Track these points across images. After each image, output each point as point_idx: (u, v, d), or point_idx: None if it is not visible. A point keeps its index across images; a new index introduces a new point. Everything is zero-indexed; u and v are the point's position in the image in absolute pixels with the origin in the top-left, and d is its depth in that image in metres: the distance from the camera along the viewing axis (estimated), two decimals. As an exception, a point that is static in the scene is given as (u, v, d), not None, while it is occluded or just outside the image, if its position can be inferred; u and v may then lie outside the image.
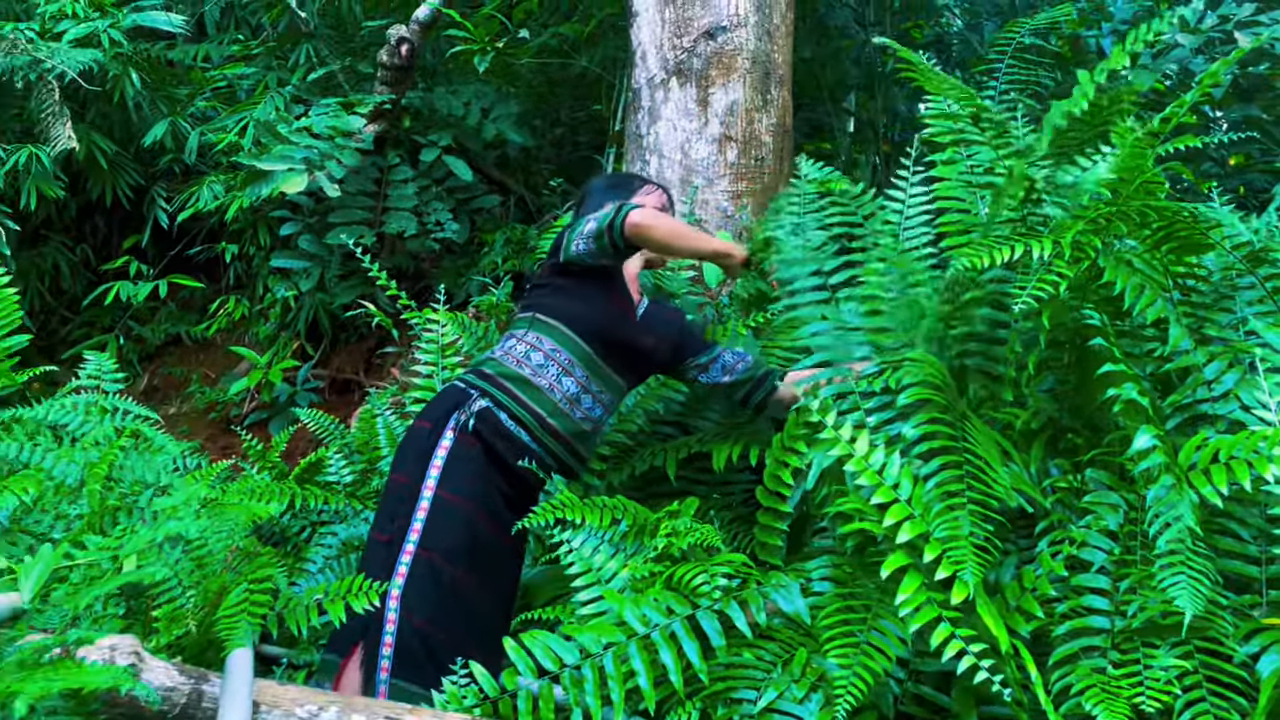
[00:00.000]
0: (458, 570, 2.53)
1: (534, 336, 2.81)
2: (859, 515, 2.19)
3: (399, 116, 5.54)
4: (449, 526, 2.55)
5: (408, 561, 2.51)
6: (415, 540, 2.53)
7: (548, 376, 2.75)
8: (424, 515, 2.55)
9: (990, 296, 2.52)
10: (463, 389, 2.73)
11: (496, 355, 2.82)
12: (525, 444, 2.70)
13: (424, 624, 2.46)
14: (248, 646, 2.04)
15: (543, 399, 2.73)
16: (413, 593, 2.48)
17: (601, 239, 2.73)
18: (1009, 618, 2.08)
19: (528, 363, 2.76)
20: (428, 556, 2.51)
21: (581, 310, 2.82)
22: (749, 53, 3.95)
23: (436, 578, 2.50)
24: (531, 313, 2.86)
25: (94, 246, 6.57)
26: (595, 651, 2.12)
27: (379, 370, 5.77)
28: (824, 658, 2.10)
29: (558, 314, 2.82)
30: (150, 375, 6.23)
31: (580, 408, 2.79)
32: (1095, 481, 2.26)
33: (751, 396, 3.03)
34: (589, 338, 2.81)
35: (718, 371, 3.01)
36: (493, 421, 2.67)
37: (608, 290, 2.87)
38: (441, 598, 2.50)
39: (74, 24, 5.60)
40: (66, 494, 2.46)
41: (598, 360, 2.82)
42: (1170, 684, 1.98)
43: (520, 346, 2.80)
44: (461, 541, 2.55)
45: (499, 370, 2.76)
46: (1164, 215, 2.31)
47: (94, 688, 1.49)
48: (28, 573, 1.96)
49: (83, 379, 3.18)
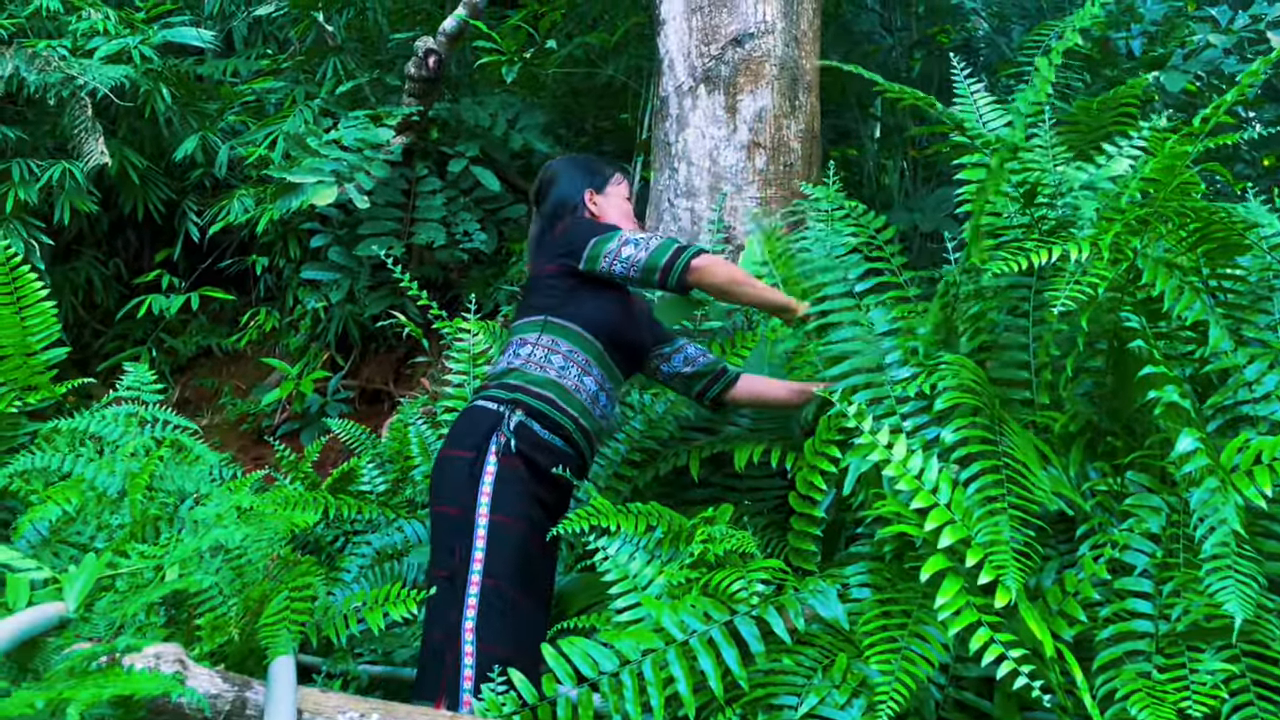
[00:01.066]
0: (518, 592, 2.52)
1: (549, 339, 2.79)
2: (897, 518, 2.18)
3: (427, 128, 5.58)
4: (506, 550, 2.53)
5: (475, 593, 2.48)
6: (479, 570, 2.49)
7: (571, 377, 2.75)
8: (483, 544, 2.52)
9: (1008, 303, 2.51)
10: (494, 409, 2.68)
11: (517, 364, 2.77)
12: (561, 449, 2.69)
13: (504, 653, 2.42)
14: (290, 654, 2.05)
15: (572, 400, 2.73)
16: (485, 623, 2.46)
17: (652, 276, 2.76)
18: (1051, 622, 2.06)
19: (550, 366, 2.75)
20: (494, 585, 2.49)
21: (593, 312, 2.82)
22: (777, 59, 3.95)
23: (504, 604, 2.49)
24: (543, 315, 2.83)
25: (126, 260, 6.64)
26: (634, 658, 2.12)
27: (408, 380, 5.80)
28: (865, 664, 2.09)
29: (570, 315, 2.81)
30: (182, 387, 6.29)
31: (599, 405, 2.81)
32: (1136, 484, 2.25)
33: (709, 390, 3.06)
34: (601, 337, 2.81)
35: (679, 362, 3.04)
36: (529, 435, 2.64)
37: (619, 293, 2.89)
38: (513, 623, 2.49)
39: (105, 41, 5.67)
40: (108, 504, 2.48)
41: (608, 359, 2.83)
42: (1217, 688, 1.96)
43: (538, 351, 2.78)
44: (517, 563, 2.54)
45: (526, 379, 2.73)
46: (1201, 216, 2.29)
47: (144, 694, 1.50)
48: (72, 582, 1.98)
49: (121, 390, 3.21)
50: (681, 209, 3.95)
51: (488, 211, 5.74)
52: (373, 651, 3.08)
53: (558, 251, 2.88)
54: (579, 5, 5.77)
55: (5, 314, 3.10)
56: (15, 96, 5.69)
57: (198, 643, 2.14)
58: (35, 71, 5.45)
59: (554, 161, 3.19)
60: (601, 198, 3.05)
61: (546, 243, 2.95)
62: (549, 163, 3.20)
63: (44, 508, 2.34)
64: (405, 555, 3.37)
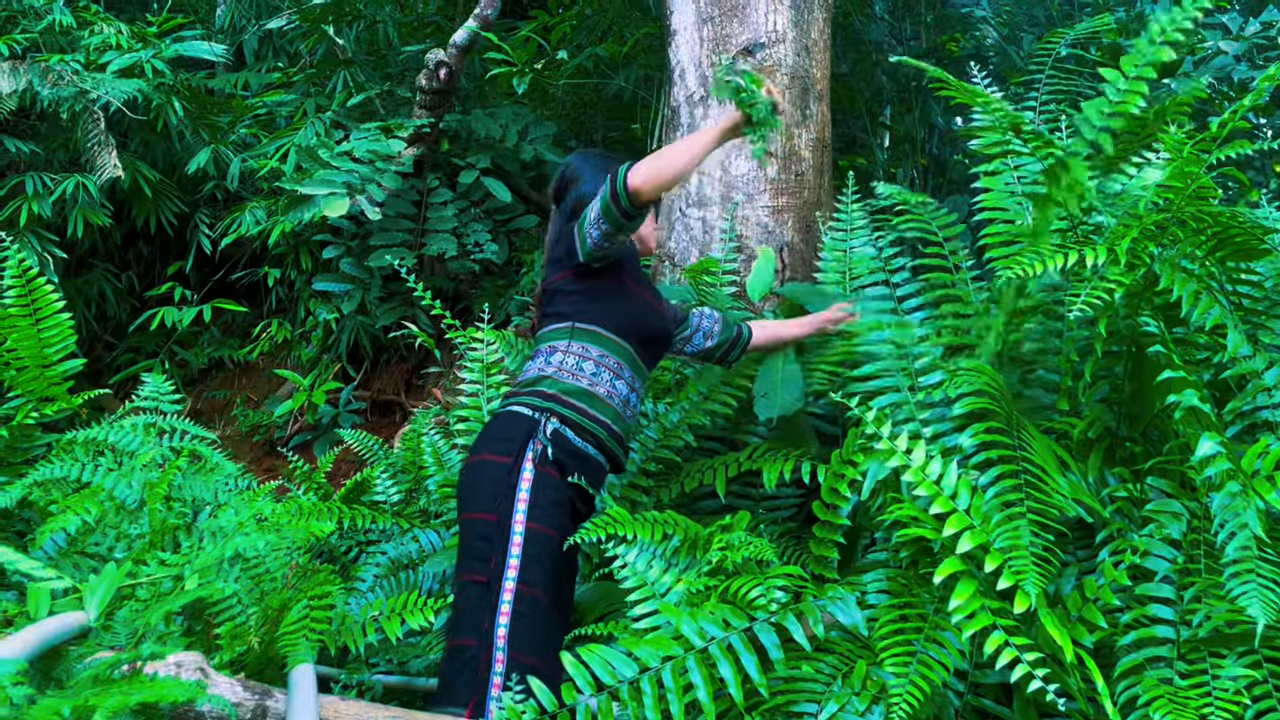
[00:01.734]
0: (548, 597, 2.51)
1: (579, 346, 2.78)
2: (914, 522, 2.17)
3: (437, 139, 5.60)
4: (542, 558, 2.52)
5: (510, 600, 2.46)
6: (514, 577, 2.48)
7: (604, 384, 2.75)
8: (519, 551, 2.50)
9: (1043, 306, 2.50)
10: (529, 415, 2.67)
11: (549, 372, 2.76)
12: (592, 456, 2.69)
13: (534, 660, 2.42)
14: (309, 662, 2.06)
15: (605, 408, 2.72)
16: (519, 631, 2.45)
17: (610, 212, 2.64)
18: (1072, 628, 2.05)
19: (582, 374, 2.74)
20: (531, 593, 2.48)
21: (615, 309, 2.81)
22: (788, 68, 3.95)
23: (539, 612, 2.48)
24: (569, 322, 2.82)
25: (138, 273, 6.68)
26: (653, 665, 2.11)
27: (419, 391, 5.81)
28: (882, 669, 2.08)
29: (596, 319, 2.80)
30: (194, 399, 6.30)
31: (630, 407, 2.81)
32: (1156, 490, 2.24)
33: (729, 355, 3.19)
34: (629, 336, 2.81)
35: (700, 339, 3.13)
36: (565, 443, 2.64)
37: (629, 280, 2.87)
38: (547, 632, 2.48)
39: (118, 55, 5.71)
40: (127, 514, 2.49)
41: (637, 358, 2.83)
42: (1239, 694, 1.95)
43: (569, 359, 2.77)
44: (552, 571, 2.53)
45: (560, 388, 2.72)
46: (1219, 221, 2.29)
47: (169, 700, 1.50)
48: (93, 591, 1.99)
49: (140, 401, 3.23)
50: (693, 218, 3.95)
51: (499, 222, 5.76)
52: (388, 661, 3.08)
53: (561, 257, 2.87)
54: (589, 16, 5.79)
55: (23, 325, 3.11)
56: (29, 111, 5.74)
57: (218, 651, 2.15)
58: (48, 86, 5.49)
59: (573, 158, 3.14)
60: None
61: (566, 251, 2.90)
62: (568, 159, 3.15)
63: (63, 517, 2.34)
64: (420, 565, 3.37)
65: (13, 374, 3.13)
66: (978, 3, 5.32)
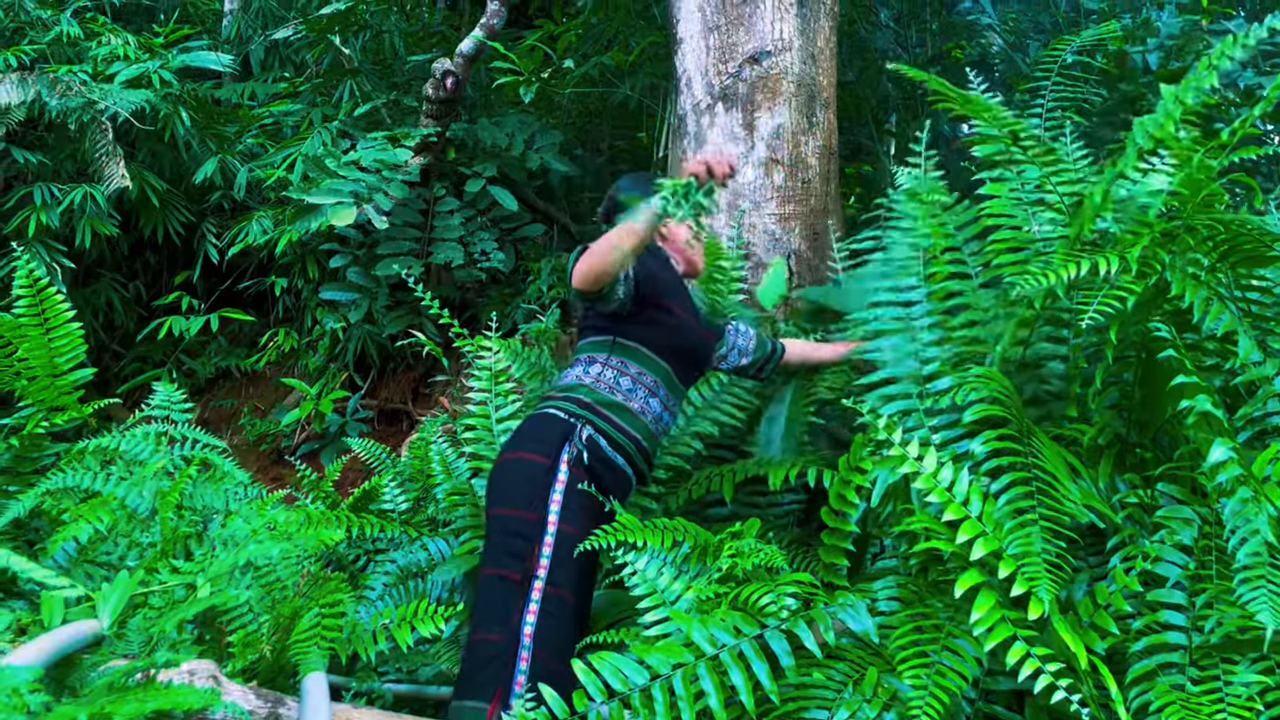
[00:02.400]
0: (575, 600, 2.54)
1: (618, 361, 2.83)
2: (927, 534, 2.17)
3: (444, 148, 5.62)
4: (569, 561, 2.54)
5: (538, 599, 2.49)
6: (544, 577, 2.50)
7: (638, 399, 2.79)
8: (549, 551, 2.53)
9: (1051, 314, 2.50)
10: (565, 419, 2.70)
11: (587, 382, 2.81)
12: (621, 468, 2.74)
13: (557, 663, 2.42)
14: (321, 670, 2.06)
15: (638, 423, 2.77)
16: (546, 631, 2.47)
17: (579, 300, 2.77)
18: (1083, 635, 2.05)
19: (619, 389, 2.79)
20: (559, 594, 2.50)
21: (657, 329, 2.84)
22: (794, 76, 3.97)
23: (564, 615, 2.50)
24: (610, 336, 2.86)
25: (146, 283, 6.70)
26: (664, 672, 2.11)
27: (426, 399, 5.82)
28: (896, 678, 2.08)
29: (637, 336, 2.84)
30: (202, 408, 6.32)
31: (662, 424, 2.86)
32: (1167, 496, 2.24)
33: (762, 372, 3.22)
34: (668, 356, 2.85)
35: (735, 357, 3.16)
36: (597, 450, 2.69)
37: (671, 303, 2.89)
38: (568, 634, 2.50)
39: (125, 65, 5.74)
40: (139, 522, 2.49)
41: (674, 377, 2.87)
42: (1252, 700, 1.94)
43: (608, 373, 2.81)
44: (576, 574, 2.56)
45: (596, 398, 2.76)
46: (1230, 228, 2.29)
47: (184, 708, 1.51)
48: (106, 599, 1.99)
49: (150, 410, 3.24)
50: (701, 226, 3.96)
51: (505, 231, 5.77)
52: (398, 670, 3.08)
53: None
54: (595, 25, 5.81)
55: (33, 335, 3.12)
56: (37, 121, 5.76)
57: (230, 659, 2.15)
58: (56, 97, 5.51)
59: (623, 180, 3.19)
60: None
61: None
62: (618, 181, 3.20)
63: (75, 526, 2.35)
64: (429, 573, 3.37)
65: (23, 383, 3.14)
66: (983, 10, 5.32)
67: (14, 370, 3.13)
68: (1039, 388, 2.62)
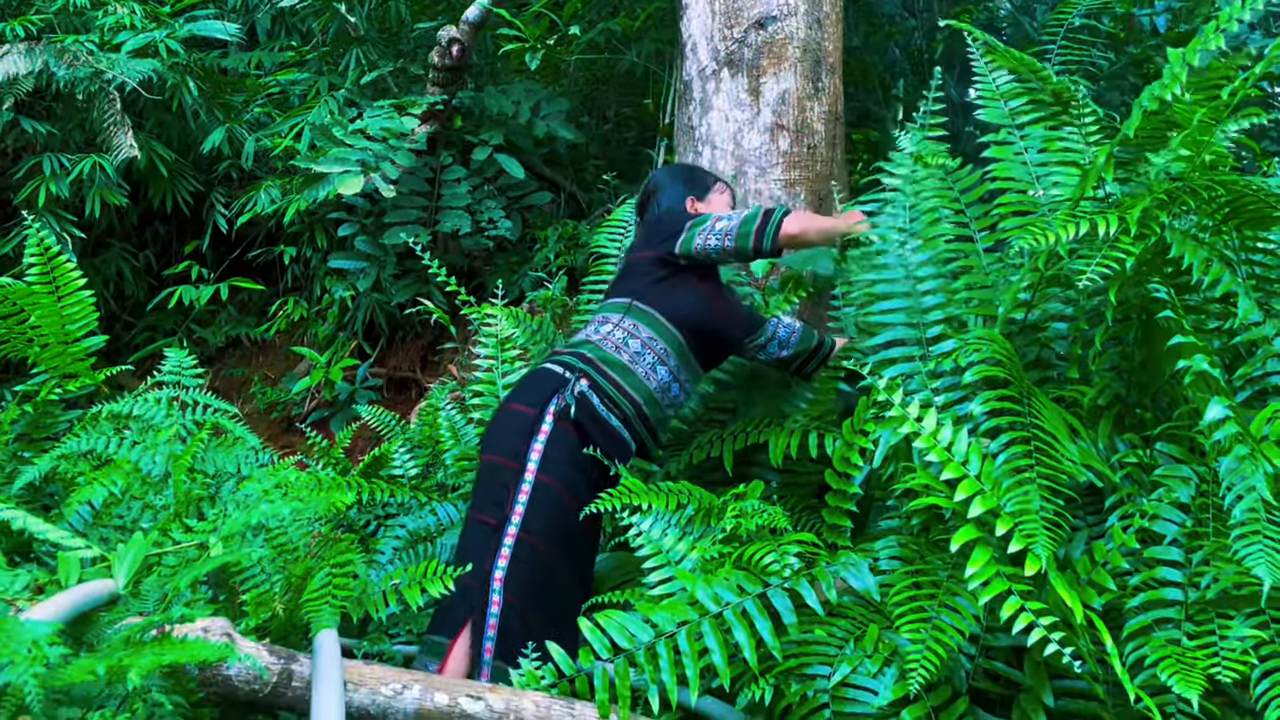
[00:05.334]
0: (553, 554, 2.60)
1: (630, 323, 2.86)
2: (926, 490, 2.20)
3: (450, 117, 5.62)
4: (546, 510, 2.61)
5: (510, 544, 2.57)
6: (517, 523, 2.58)
7: (644, 364, 2.82)
8: (525, 499, 2.61)
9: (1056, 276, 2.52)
10: (560, 373, 2.77)
11: (594, 339, 2.86)
12: (615, 429, 2.76)
13: (524, 608, 2.52)
14: (333, 628, 2.10)
15: (640, 386, 2.80)
16: (514, 576, 2.54)
17: (746, 242, 2.81)
18: (1081, 591, 2.08)
19: (625, 349, 2.82)
20: (530, 540, 2.57)
21: (681, 302, 2.88)
22: (800, 41, 3.96)
23: (535, 562, 2.57)
24: (629, 299, 2.90)
25: (155, 252, 6.73)
26: (669, 630, 2.16)
27: (434, 367, 5.85)
28: (896, 634, 2.12)
29: (657, 303, 2.87)
30: (213, 377, 6.36)
31: (669, 395, 2.87)
32: (1165, 455, 2.26)
33: (806, 367, 3.18)
34: (685, 329, 2.87)
35: (775, 348, 3.12)
36: (589, 407, 2.73)
37: (710, 285, 2.94)
38: (539, 582, 2.57)
39: (132, 35, 5.73)
40: (152, 485, 2.53)
41: (689, 351, 2.89)
42: (1247, 654, 1.98)
43: (618, 332, 2.85)
44: (556, 526, 2.62)
45: (599, 355, 2.80)
46: (1232, 190, 2.30)
47: (199, 661, 1.55)
48: (121, 559, 2.03)
49: (162, 375, 3.27)
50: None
51: (512, 199, 5.78)
52: (408, 632, 3.13)
53: (659, 238, 2.95)
54: (600, -9, 5.80)
55: (45, 303, 3.15)
56: (45, 92, 5.77)
57: (243, 618, 2.19)
58: (64, 67, 5.52)
59: (657, 172, 3.32)
60: (704, 205, 3.15)
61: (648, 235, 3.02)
62: (653, 173, 3.31)
63: (89, 489, 2.39)
64: (438, 537, 3.42)
65: (36, 350, 3.17)
66: (990, -27, 5.30)
67: (27, 337, 3.16)
68: (1042, 350, 2.64)
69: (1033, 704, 2.10)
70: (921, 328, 2.62)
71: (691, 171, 3.30)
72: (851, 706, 2.11)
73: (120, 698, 1.67)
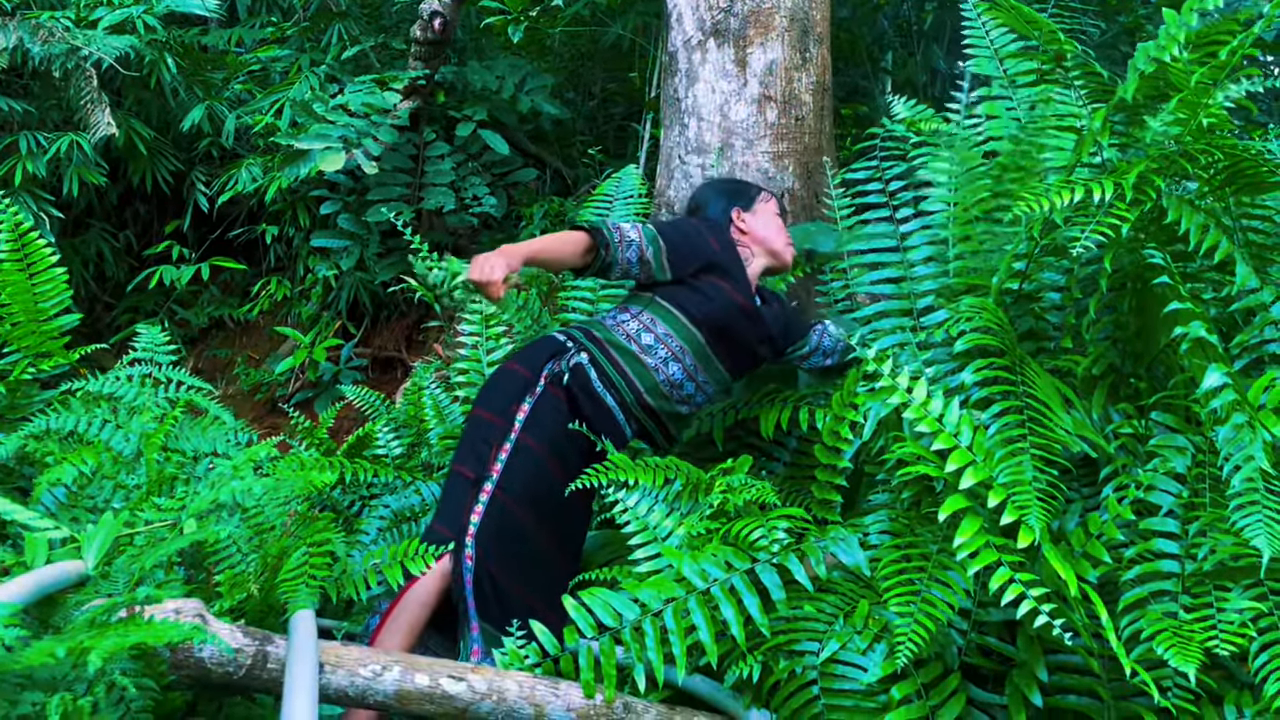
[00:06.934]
0: (527, 516, 2.57)
1: (648, 317, 2.82)
2: (916, 460, 2.15)
3: (433, 92, 5.54)
4: (526, 472, 2.59)
5: (485, 501, 2.55)
6: (494, 480, 2.57)
7: (655, 358, 2.78)
8: (505, 456, 2.59)
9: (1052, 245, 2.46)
10: (563, 341, 2.76)
11: (609, 324, 2.84)
12: (609, 408, 2.73)
13: (493, 566, 2.50)
14: (310, 609, 2.05)
15: (646, 376, 2.76)
16: (486, 533, 2.52)
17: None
18: (1075, 564, 2.03)
19: (637, 341, 2.78)
20: (503, 499, 2.55)
21: (702, 301, 2.83)
22: (786, 10, 3.89)
23: (507, 520, 2.54)
24: (651, 294, 2.87)
25: (136, 232, 6.64)
26: (655, 607, 2.11)
27: (420, 347, 5.80)
28: (886, 609, 2.07)
29: (677, 301, 2.83)
30: (196, 359, 6.29)
31: (681, 392, 2.82)
32: (1160, 425, 2.22)
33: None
34: (704, 328, 2.82)
35: (818, 358, 3.09)
36: (584, 380, 2.71)
37: (731, 287, 2.87)
38: (509, 541, 2.54)
39: (109, 11, 5.63)
40: (124, 464, 2.48)
41: (708, 351, 2.83)
42: (1244, 626, 1.94)
43: (633, 324, 2.81)
44: (534, 488, 2.59)
45: (608, 337, 2.78)
46: (1229, 155, 2.25)
47: (165, 642, 1.49)
48: (90, 540, 1.98)
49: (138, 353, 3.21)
50: (693, 165, 3.91)
51: (497, 176, 5.71)
52: (392, 612, 3.08)
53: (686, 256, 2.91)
54: (584, -38, 5.70)
55: (17, 280, 3.08)
56: (20, 69, 5.67)
57: (217, 599, 2.14)
58: (39, 43, 5.41)
59: (701, 186, 3.31)
60: (750, 215, 3.09)
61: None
62: (698, 188, 3.30)
63: (59, 469, 2.33)
64: (422, 517, 3.37)
65: (7, 329, 3.11)
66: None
67: (-2, 316, 3.11)
68: (1037, 322, 2.59)
69: (1026, 679, 2.06)
70: (913, 298, 2.57)
71: (735, 184, 3.27)
72: (841, 683, 2.07)
73: (86, 681, 1.61)
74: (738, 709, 2.13)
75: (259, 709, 2.14)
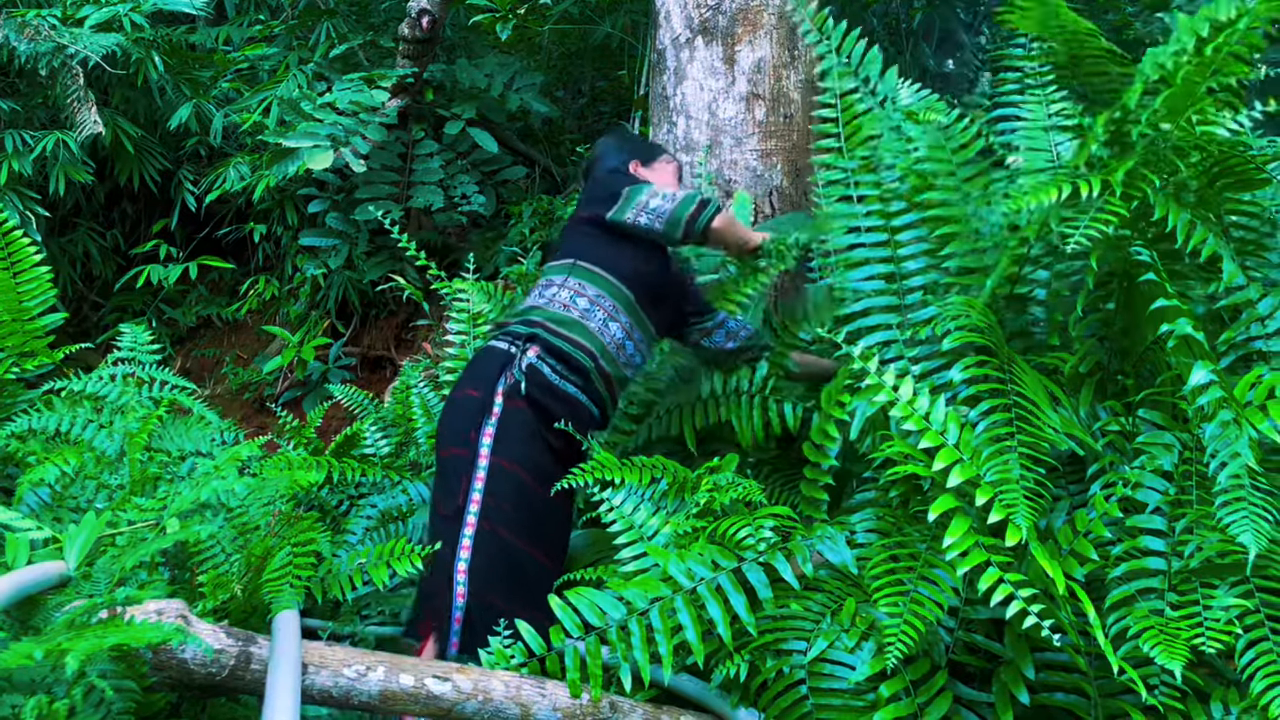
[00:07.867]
0: (519, 539, 2.50)
1: (575, 282, 2.77)
2: (904, 459, 2.14)
3: (422, 90, 5.52)
4: (506, 495, 2.51)
5: (471, 535, 2.47)
6: (476, 512, 2.48)
7: (595, 320, 2.72)
8: (481, 485, 2.50)
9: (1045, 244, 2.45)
10: (505, 349, 2.65)
11: (539, 303, 2.76)
12: (572, 396, 2.65)
13: (492, 598, 2.42)
14: (294, 609, 2.03)
15: (595, 340, 2.69)
16: (478, 567, 2.45)
17: (676, 228, 2.76)
18: (1063, 561, 2.03)
19: (574, 306, 2.72)
20: (490, 529, 2.47)
21: (627, 258, 2.79)
22: (774, 8, 3.88)
23: (499, 550, 2.47)
24: (571, 259, 2.81)
25: (123, 231, 6.61)
26: (641, 606, 2.09)
27: (409, 345, 5.78)
28: (873, 607, 2.06)
29: (599, 260, 2.78)
30: (184, 358, 6.27)
31: (624, 353, 2.77)
32: (1147, 422, 2.21)
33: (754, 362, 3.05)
34: (631, 283, 2.78)
35: (721, 336, 3.04)
36: (540, 378, 2.61)
37: (657, 252, 2.86)
38: (506, 570, 2.47)
39: (95, 9, 5.60)
40: (107, 464, 2.46)
41: (638, 307, 2.79)
42: (1231, 624, 1.93)
43: (563, 293, 2.75)
44: (519, 509, 2.51)
45: (547, 315, 2.71)
46: (1221, 150, 2.24)
47: (145, 643, 1.48)
48: (72, 541, 1.96)
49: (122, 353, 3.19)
50: (682, 162, 3.89)
51: (486, 174, 5.69)
52: (380, 613, 3.06)
53: (597, 200, 2.87)
54: (573, -40, 5.69)
55: (1, 280, 3.06)
56: (7, 67, 5.64)
57: (200, 600, 2.12)
58: (25, 41, 5.38)
59: (603, 138, 3.23)
60: (646, 170, 3.05)
61: (588, 197, 2.94)
62: (597, 141, 3.23)
63: (42, 469, 2.31)
64: (410, 516, 3.35)
65: (-9, 328, 3.09)
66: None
67: (-19, 316, 3.08)
68: (1025, 320, 2.58)
69: (1013, 677, 2.05)
70: (901, 294, 2.55)
71: (638, 140, 3.24)
72: (828, 682, 2.06)
73: (65, 683, 1.60)
74: (725, 708, 2.12)
75: (243, 710, 2.12)
